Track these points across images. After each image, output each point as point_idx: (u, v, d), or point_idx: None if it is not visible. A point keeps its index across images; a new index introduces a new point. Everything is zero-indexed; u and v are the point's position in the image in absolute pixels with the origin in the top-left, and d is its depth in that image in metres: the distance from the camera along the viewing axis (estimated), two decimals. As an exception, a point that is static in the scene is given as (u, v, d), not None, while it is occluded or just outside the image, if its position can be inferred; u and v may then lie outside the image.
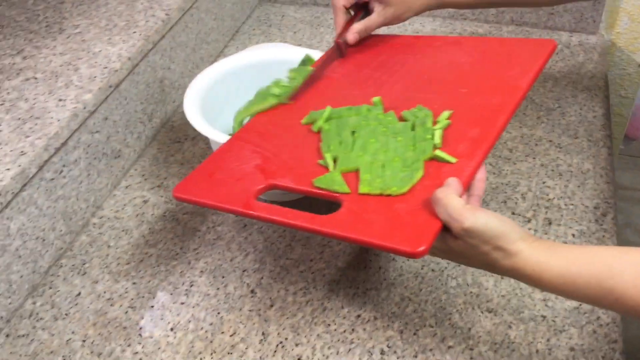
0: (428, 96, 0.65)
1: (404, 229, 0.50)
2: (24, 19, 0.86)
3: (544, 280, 0.47)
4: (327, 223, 0.53)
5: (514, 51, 0.69)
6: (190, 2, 0.91)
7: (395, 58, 0.74)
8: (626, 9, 1.02)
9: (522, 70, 0.64)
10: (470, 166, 0.54)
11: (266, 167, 0.62)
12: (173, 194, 0.61)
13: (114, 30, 0.82)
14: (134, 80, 0.80)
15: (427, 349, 0.59)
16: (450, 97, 0.64)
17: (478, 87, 0.64)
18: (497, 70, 0.66)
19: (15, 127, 0.67)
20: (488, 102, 0.61)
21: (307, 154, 0.62)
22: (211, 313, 0.63)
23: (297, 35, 1.07)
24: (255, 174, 0.61)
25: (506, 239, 0.48)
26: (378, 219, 0.52)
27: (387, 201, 0.53)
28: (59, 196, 0.69)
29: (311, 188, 0.58)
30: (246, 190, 0.59)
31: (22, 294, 0.65)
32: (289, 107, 0.71)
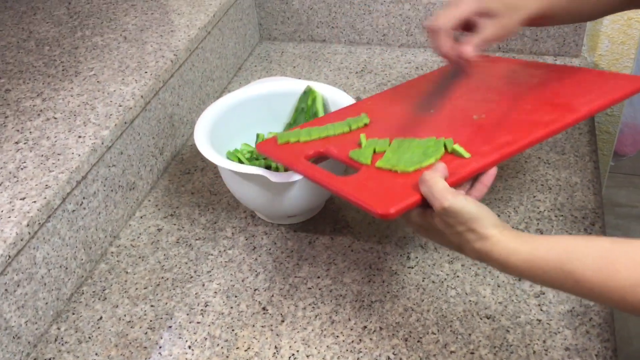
0: (488, 108, 0.68)
1: (386, 195, 0.56)
2: (42, 64, 0.92)
3: (511, 264, 0.51)
4: (331, 180, 0.61)
5: (601, 82, 0.70)
6: (196, 42, 0.97)
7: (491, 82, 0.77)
8: (606, 32, 1.08)
9: (591, 98, 0.66)
10: (478, 162, 0.58)
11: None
12: (257, 148, 0.72)
13: (126, 71, 0.88)
14: (146, 117, 0.86)
15: (431, 355, 0.62)
16: (508, 111, 0.67)
17: (540, 106, 0.67)
18: (570, 95, 0.68)
19: (39, 163, 0.72)
20: (540, 118, 0.64)
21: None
22: (226, 330, 0.67)
23: (296, 69, 1.13)
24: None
25: (480, 223, 0.52)
26: (373, 186, 0.58)
27: (392, 176, 0.59)
28: (79, 226, 0.73)
29: (346, 159, 0.66)
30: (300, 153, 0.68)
31: (47, 320, 0.69)
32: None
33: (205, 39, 1.01)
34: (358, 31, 1.17)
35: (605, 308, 0.65)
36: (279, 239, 0.78)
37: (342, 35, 1.19)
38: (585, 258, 0.48)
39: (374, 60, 1.14)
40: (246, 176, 0.72)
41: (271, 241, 0.78)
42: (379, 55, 1.15)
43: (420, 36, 1.15)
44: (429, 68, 1.10)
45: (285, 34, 1.22)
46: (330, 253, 0.75)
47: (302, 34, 1.21)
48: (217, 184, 0.88)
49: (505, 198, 0.80)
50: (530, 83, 0.75)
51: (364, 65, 1.12)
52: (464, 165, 0.58)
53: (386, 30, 1.16)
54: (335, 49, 1.18)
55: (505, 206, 0.79)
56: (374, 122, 0.73)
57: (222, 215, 0.83)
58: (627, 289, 0.46)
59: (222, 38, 1.07)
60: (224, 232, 0.80)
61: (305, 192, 0.74)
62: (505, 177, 0.84)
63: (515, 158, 0.87)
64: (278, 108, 0.86)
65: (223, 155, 0.81)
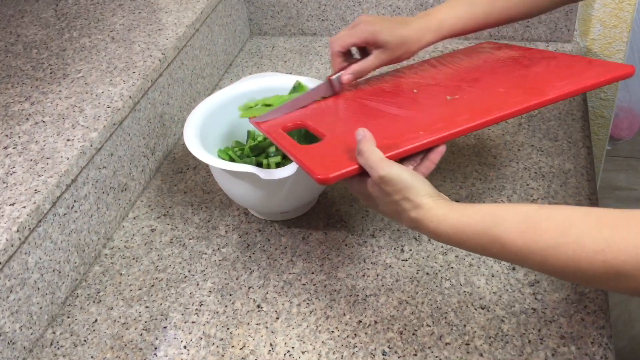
0: (464, 90, 0.70)
1: (331, 163, 0.60)
2: (30, 68, 0.91)
3: (441, 231, 0.52)
4: (292, 147, 0.65)
5: (579, 68, 0.71)
6: (184, 40, 0.97)
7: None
8: (598, 16, 1.07)
9: (564, 84, 0.66)
10: (425, 138, 0.59)
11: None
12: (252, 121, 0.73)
13: (114, 72, 0.88)
14: (136, 117, 0.85)
15: (426, 347, 0.62)
16: (483, 92, 0.69)
17: (513, 89, 0.68)
18: (544, 80, 0.69)
19: (28, 167, 0.72)
20: (506, 100, 0.65)
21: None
22: (221, 329, 0.67)
23: (287, 64, 1.13)
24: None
25: (414, 192, 0.54)
26: (325, 154, 0.62)
27: (347, 145, 0.61)
28: (71, 230, 0.73)
29: (315, 128, 0.69)
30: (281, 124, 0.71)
31: (42, 325, 0.69)
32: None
33: (194, 37, 1.00)
34: (348, 23, 1.16)
35: (600, 295, 0.65)
36: (272, 236, 0.78)
37: (332, 28, 1.18)
38: (511, 222, 0.49)
39: (365, 52, 1.13)
40: (237, 174, 0.72)
41: (265, 238, 0.78)
42: (370, 46, 1.14)
43: (411, 26, 1.14)
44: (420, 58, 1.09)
45: (275, 28, 1.22)
46: (324, 248, 0.75)
47: (293, 27, 1.20)
48: (210, 182, 0.88)
49: (498, 187, 0.80)
50: (512, 67, 0.75)
51: (355, 57, 1.12)
52: (411, 139, 0.59)
53: (376, 22, 1.15)
54: (326, 42, 1.18)
55: (498, 195, 0.79)
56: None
57: (216, 214, 0.83)
58: (549, 250, 0.46)
59: (211, 35, 1.07)
60: (218, 230, 0.80)
61: (297, 189, 0.74)
62: (498, 166, 0.83)
63: (508, 146, 0.86)
64: (268, 104, 0.85)
65: (214, 153, 0.81)
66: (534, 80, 0.70)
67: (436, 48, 1.10)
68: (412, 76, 0.79)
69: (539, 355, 0.60)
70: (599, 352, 0.60)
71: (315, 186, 0.76)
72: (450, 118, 0.63)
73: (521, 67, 0.74)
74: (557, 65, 0.73)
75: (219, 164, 0.70)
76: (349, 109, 0.75)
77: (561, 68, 0.72)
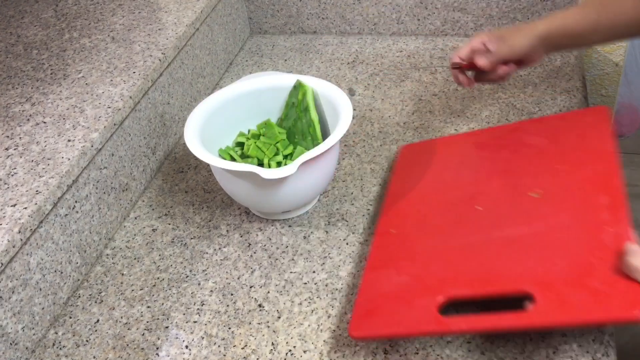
0: (533, 182, 0.68)
1: (610, 301, 0.51)
2: (30, 69, 0.91)
3: None
4: (532, 318, 0.53)
5: (577, 121, 0.75)
6: (184, 40, 0.97)
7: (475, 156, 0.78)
8: (599, 13, 1.07)
9: (599, 135, 0.69)
10: (626, 230, 0.56)
11: (420, 283, 0.62)
12: (352, 335, 0.60)
13: (114, 72, 0.88)
14: (137, 117, 0.85)
15: (428, 345, 0.62)
16: (551, 176, 0.67)
17: (572, 160, 0.68)
18: (578, 142, 0.71)
19: (30, 168, 0.72)
20: (593, 171, 0.65)
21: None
22: (222, 329, 0.67)
23: (288, 62, 1.12)
24: (420, 292, 0.61)
25: None
26: (578, 299, 0.52)
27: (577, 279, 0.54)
28: (73, 230, 0.73)
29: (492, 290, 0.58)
30: (426, 309, 0.58)
31: (44, 325, 0.69)
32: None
33: (194, 36, 1.00)
34: (348, 21, 1.17)
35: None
36: (273, 235, 0.78)
37: (332, 26, 1.18)
38: None
39: (366, 50, 1.13)
40: (238, 174, 0.72)
41: (266, 237, 0.78)
42: (370, 44, 1.14)
43: (411, 24, 1.14)
44: (420, 56, 1.09)
45: (275, 27, 1.22)
46: (325, 247, 0.75)
47: (293, 26, 1.20)
48: (211, 181, 0.88)
49: (499, 185, 0.80)
50: (524, 150, 0.74)
51: (356, 55, 1.12)
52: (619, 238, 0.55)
53: (377, 19, 1.15)
54: (326, 40, 1.18)
55: (499, 193, 0.78)
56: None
57: (217, 213, 0.83)
58: None
59: (211, 34, 1.07)
60: (219, 229, 0.80)
61: (299, 188, 0.74)
62: (499, 164, 0.83)
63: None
64: (269, 103, 0.85)
65: (215, 152, 0.81)
66: (570, 147, 0.71)
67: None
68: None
69: (540, 353, 0.60)
70: (600, 349, 0.60)
71: (316, 186, 0.76)
72: (595, 203, 0.60)
73: (528, 144, 0.74)
74: (553, 130, 0.75)
75: (220, 163, 0.71)
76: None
77: (561, 130, 0.74)
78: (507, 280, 0.57)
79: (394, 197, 0.77)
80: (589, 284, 0.53)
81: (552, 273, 0.56)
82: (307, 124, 0.80)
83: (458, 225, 0.67)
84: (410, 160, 0.83)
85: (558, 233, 0.60)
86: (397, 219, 0.72)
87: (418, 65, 1.06)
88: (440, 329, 0.57)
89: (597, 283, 0.53)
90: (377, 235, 0.72)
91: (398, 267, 0.65)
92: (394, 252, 0.68)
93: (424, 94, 0.99)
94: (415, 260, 0.65)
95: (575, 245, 0.58)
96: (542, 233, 0.61)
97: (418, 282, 0.62)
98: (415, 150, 0.85)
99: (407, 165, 0.82)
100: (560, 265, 0.56)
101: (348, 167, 0.87)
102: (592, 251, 0.56)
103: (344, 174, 0.86)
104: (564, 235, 0.59)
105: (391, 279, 0.64)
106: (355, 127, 0.94)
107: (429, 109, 0.96)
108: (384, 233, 0.71)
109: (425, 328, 0.57)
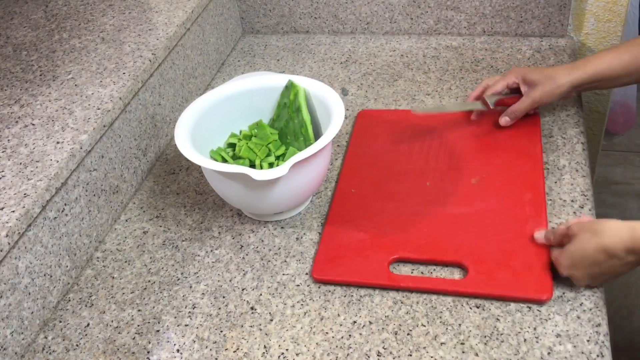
0: (474, 169, 0.81)
1: (527, 282, 0.65)
2: (19, 70, 0.90)
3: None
4: (464, 286, 0.66)
5: (516, 123, 0.85)
6: (175, 40, 0.96)
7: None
8: (592, 11, 1.07)
9: (530, 139, 0.83)
10: (544, 224, 0.71)
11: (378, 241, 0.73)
12: (314, 277, 0.70)
13: (104, 73, 0.87)
14: (127, 119, 0.84)
15: (421, 347, 0.62)
16: (489, 166, 0.80)
17: (507, 157, 0.81)
18: (514, 142, 0.84)
19: (18, 171, 0.71)
20: (522, 169, 0.79)
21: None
22: (214, 332, 0.67)
23: (280, 62, 1.12)
24: (375, 249, 0.72)
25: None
26: (502, 276, 0.66)
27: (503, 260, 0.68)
28: (62, 234, 0.72)
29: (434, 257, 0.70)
30: (379, 264, 0.70)
31: (34, 330, 0.69)
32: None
33: (185, 36, 1.00)
34: (341, 20, 1.16)
35: (596, 292, 0.64)
36: (266, 237, 0.77)
37: (325, 26, 1.17)
38: None
39: (359, 49, 1.12)
40: (229, 175, 0.71)
41: (258, 239, 0.77)
42: (363, 44, 1.14)
43: (404, 23, 1.13)
44: (413, 55, 1.08)
45: (267, 26, 1.21)
46: (317, 248, 0.74)
47: (285, 25, 1.20)
48: (203, 183, 0.87)
49: (493, 184, 0.79)
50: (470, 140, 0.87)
51: (349, 55, 1.11)
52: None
53: (369, 19, 1.14)
54: (319, 39, 1.17)
55: (493, 193, 0.78)
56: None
57: (209, 215, 0.82)
58: None
59: (202, 34, 1.06)
60: (211, 231, 0.79)
61: (291, 189, 0.73)
62: (493, 163, 0.82)
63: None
64: (260, 103, 0.85)
65: (207, 154, 0.80)
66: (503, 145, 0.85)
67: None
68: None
69: (534, 354, 0.60)
70: (595, 350, 0.59)
71: (308, 187, 0.75)
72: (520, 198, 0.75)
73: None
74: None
75: (211, 165, 0.70)
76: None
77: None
78: (447, 251, 0.69)
79: (353, 158, 0.86)
80: (512, 265, 0.66)
81: (484, 251, 0.68)
82: (299, 125, 0.79)
83: (410, 195, 0.78)
84: (368, 126, 0.91)
85: (491, 218, 0.73)
86: (357, 180, 0.82)
87: (411, 64, 1.06)
88: (390, 283, 0.67)
89: (519, 266, 0.66)
90: (339, 191, 0.81)
91: (358, 224, 0.75)
92: (354, 209, 0.78)
93: (417, 93, 0.99)
94: (372, 220, 0.75)
95: (505, 231, 0.70)
96: (478, 215, 0.73)
97: (374, 239, 0.73)
98: (372, 117, 0.93)
99: (365, 130, 0.91)
100: (491, 245, 0.69)
101: (341, 167, 0.86)
102: (517, 238, 0.69)
103: (337, 174, 0.85)
104: (496, 221, 0.72)
105: (351, 234, 0.74)
106: (348, 128, 0.93)
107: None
108: (345, 191, 0.80)
109: (377, 281, 0.68)
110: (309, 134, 0.79)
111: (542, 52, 1.04)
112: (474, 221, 0.73)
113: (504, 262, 0.67)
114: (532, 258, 0.67)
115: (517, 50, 1.05)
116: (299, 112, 0.80)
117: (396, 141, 0.88)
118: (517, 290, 0.64)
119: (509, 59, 1.04)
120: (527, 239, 0.69)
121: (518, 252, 0.68)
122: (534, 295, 0.63)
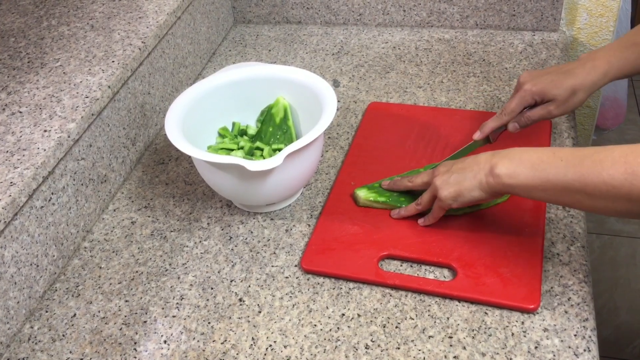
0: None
1: (515, 290, 0.64)
2: (7, 57, 0.89)
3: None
4: (451, 288, 0.65)
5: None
6: (165, 29, 0.95)
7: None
8: (584, 5, 1.07)
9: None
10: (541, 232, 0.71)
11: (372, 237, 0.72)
12: (303, 267, 0.70)
13: (93, 61, 0.86)
14: (116, 107, 0.83)
15: (409, 340, 0.62)
16: None
17: None
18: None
19: (4, 159, 0.70)
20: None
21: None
22: (202, 323, 0.66)
23: (272, 53, 1.11)
24: (366, 244, 0.71)
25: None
26: (490, 282, 0.65)
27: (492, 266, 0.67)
28: (49, 223, 0.72)
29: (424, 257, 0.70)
30: (369, 260, 0.69)
31: (19, 319, 0.68)
32: None
33: (176, 25, 0.98)
34: (334, 11, 1.15)
35: (584, 287, 0.65)
36: (255, 228, 0.77)
37: (317, 16, 1.17)
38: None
39: (351, 41, 1.12)
40: (222, 166, 0.70)
41: (247, 230, 0.77)
42: (355, 35, 1.13)
43: (397, 15, 1.12)
44: (405, 48, 1.08)
45: (259, 16, 1.20)
46: (307, 240, 0.74)
47: (277, 15, 1.19)
48: (192, 173, 0.87)
49: (483, 178, 0.79)
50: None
51: (341, 46, 1.10)
52: None
53: (362, 10, 1.14)
54: (311, 30, 1.16)
55: (483, 186, 0.78)
56: None
57: (198, 206, 0.81)
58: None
59: (193, 23, 1.05)
60: (200, 222, 0.79)
61: (284, 180, 0.72)
62: (484, 157, 0.82)
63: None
64: (251, 94, 0.84)
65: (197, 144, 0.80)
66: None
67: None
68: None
69: (522, 348, 0.60)
70: (582, 344, 0.59)
71: (300, 178, 0.75)
72: None
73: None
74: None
75: (203, 155, 0.69)
76: None
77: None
78: (438, 252, 0.69)
79: (357, 150, 0.85)
80: (501, 272, 0.66)
81: (474, 255, 0.68)
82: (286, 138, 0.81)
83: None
84: (377, 119, 0.91)
85: (486, 224, 0.72)
86: (358, 172, 0.81)
87: (403, 56, 1.05)
88: (377, 279, 0.67)
89: (508, 273, 0.65)
90: (338, 183, 0.80)
91: (352, 217, 0.75)
92: (351, 202, 0.77)
93: (409, 86, 0.98)
94: (367, 215, 0.75)
95: (498, 237, 0.70)
96: (473, 219, 0.72)
97: (367, 234, 0.72)
98: (382, 110, 0.93)
99: (374, 123, 0.90)
100: (483, 250, 0.68)
101: (331, 159, 0.86)
102: (509, 246, 0.68)
103: (327, 166, 0.85)
104: (490, 226, 0.71)
105: (344, 226, 0.74)
106: (340, 119, 0.93)
107: (414, 101, 0.95)
108: (345, 183, 0.80)
109: (365, 276, 0.68)
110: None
111: (534, 46, 1.04)
112: (468, 224, 0.72)
113: (494, 267, 0.66)
114: (524, 266, 0.65)
115: (509, 44, 1.05)
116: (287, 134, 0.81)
117: (402, 137, 0.86)
118: (503, 297, 0.63)
119: (501, 52, 1.03)
120: (520, 247, 0.68)
121: (509, 259, 0.67)
122: (520, 304, 0.62)
